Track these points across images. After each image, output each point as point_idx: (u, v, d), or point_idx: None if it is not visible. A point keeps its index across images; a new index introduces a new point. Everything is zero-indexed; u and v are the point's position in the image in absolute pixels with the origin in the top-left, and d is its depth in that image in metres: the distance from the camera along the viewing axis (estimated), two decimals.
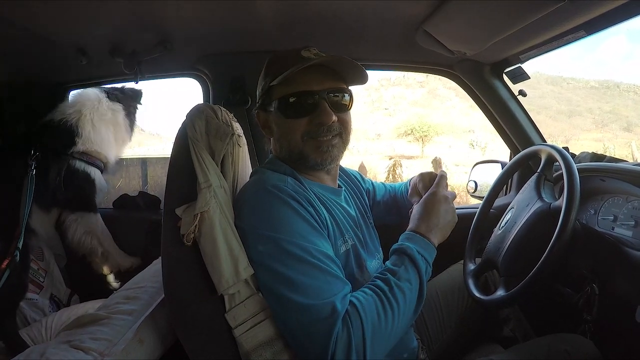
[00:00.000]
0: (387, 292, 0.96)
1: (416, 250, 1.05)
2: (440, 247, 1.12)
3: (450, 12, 1.41)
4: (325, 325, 0.90)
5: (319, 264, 0.96)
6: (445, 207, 1.17)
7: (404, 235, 1.11)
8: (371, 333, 0.91)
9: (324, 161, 1.16)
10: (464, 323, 1.52)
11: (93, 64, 1.87)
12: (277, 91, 1.16)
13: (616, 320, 1.29)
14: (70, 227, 2.04)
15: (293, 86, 1.12)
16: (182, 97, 19.75)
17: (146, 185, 4.37)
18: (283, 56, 1.18)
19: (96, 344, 1.05)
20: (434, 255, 1.10)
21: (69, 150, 1.98)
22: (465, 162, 12.52)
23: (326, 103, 1.13)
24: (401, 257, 1.04)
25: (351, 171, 1.52)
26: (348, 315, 0.91)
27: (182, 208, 1.06)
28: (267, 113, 1.22)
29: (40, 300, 1.98)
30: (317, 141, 1.14)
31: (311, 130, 1.13)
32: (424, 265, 1.05)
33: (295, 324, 0.94)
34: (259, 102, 1.24)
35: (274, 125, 1.21)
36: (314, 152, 1.14)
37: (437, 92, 21.82)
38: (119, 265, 2.15)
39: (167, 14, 1.53)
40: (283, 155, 1.20)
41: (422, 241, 1.08)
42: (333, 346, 0.88)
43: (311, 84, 1.13)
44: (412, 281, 1.01)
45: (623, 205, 1.45)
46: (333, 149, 1.15)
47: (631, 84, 24.20)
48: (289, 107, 1.14)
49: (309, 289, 0.93)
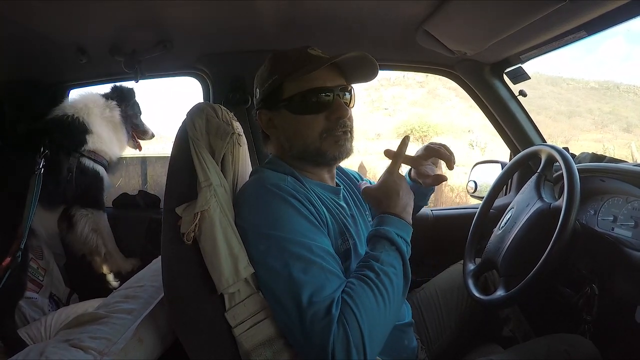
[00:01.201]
0: (374, 280, 0.95)
1: (394, 232, 1.03)
2: (440, 247, 1.12)
3: (451, 11, 1.41)
4: (323, 325, 0.89)
5: (320, 261, 0.96)
6: (405, 185, 1.13)
7: (377, 219, 1.08)
8: (367, 325, 0.89)
9: (340, 155, 1.17)
10: (463, 323, 1.52)
11: (93, 63, 1.87)
12: (288, 89, 1.15)
13: (616, 321, 1.29)
14: (79, 221, 2.05)
15: (308, 83, 1.13)
16: (182, 96, 19.72)
17: (146, 184, 4.37)
18: (290, 55, 1.18)
19: (95, 343, 1.05)
20: (411, 233, 1.08)
21: (80, 148, 1.99)
22: (465, 162, 12.51)
23: (340, 99, 1.14)
24: (380, 241, 1.02)
25: (350, 171, 1.52)
26: (343, 313, 0.90)
27: (182, 207, 1.06)
28: (271, 112, 1.21)
29: (40, 299, 1.98)
30: (335, 136, 1.14)
31: (330, 126, 1.14)
32: (404, 246, 1.03)
33: (293, 324, 0.94)
34: (262, 101, 1.23)
35: (283, 124, 1.19)
36: (331, 147, 1.15)
37: (436, 92, 21.79)
38: (120, 268, 2.15)
39: (167, 13, 1.53)
40: (293, 154, 1.19)
41: (398, 222, 1.06)
42: (332, 346, 0.87)
43: (326, 81, 1.14)
44: (395, 265, 0.99)
45: (623, 205, 1.45)
46: (347, 143, 1.17)
47: (631, 85, 24.16)
48: (305, 104, 1.14)
49: (308, 287, 0.92)
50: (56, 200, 1.96)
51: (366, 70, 1.19)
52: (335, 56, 1.12)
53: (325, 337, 0.88)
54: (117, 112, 2.16)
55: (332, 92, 1.14)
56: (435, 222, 2.13)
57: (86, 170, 2.02)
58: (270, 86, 1.18)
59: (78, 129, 2.00)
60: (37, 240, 1.98)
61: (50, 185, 1.85)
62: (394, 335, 1.00)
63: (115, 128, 2.17)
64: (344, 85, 1.18)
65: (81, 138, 2.01)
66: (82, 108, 2.05)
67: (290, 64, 1.15)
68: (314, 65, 1.10)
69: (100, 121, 2.08)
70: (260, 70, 1.23)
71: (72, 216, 2.05)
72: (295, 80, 1.13)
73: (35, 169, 1.78)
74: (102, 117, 2.10)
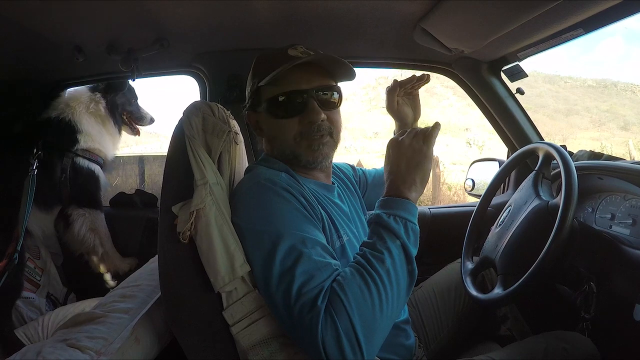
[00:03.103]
0: (365, 266, 0.91)
1: (386, 214, 0.97)
2: (438, 245, 1.10)
3: (448, 9, 1.41)
4: (311, 316, 0.87)
5: (311, 252, 0.94)
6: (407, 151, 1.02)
7: (376, 204, 1.03)
8: (358, 313, 0.86)
9: (315, 159, 1.15)
10: (461, 321, 1.52)
11: (90, 62, 1.86)
12: (266, 92, 1.16)
13: (614, 318, 1.29)
14: (76, 221, 2.05)
15: (282, 86, 1.12)
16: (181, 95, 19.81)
17: (143, 183, 4.36)
18: (270, 56, 1.17)
19: (92, 342, 1.04)
20: (413, 208, 0.99)
21: (73, 148, 1.99)
22: (462, 160, 12.52)
23: (315, 102, 1.12)
24: (375, 227, 0.99)
25: (342, 165, 1.51)
26: (331, 303, 0.87)
27: (179, 205, 1.06)
28: (257, 114, 1.22)
29: (37, 299, 1.98)
30: (309, 140, 1.14)
31: (303, 130, 1.13)
32: (400, 227, 0.95)
33: (286, 317, 0.92)
34: (249, 103, 1.23)
35: (265, 126, 1.21)
36: (306, 152, 1.14)
37: (434, 90, 21.76)
38: (117, 269, 2.15)
39: (163, 12, 1.52)
40: (276, 155, 1.20)
41: (393, 202, 0.99)
42: (321, 336, 0.85)
43: (300, 83, 1.12)
44: (391, 248, 0.93)
45: (620, 203, 1.46)
46: (324, 147, 1.15)
47: (628, 83, 24.19)
48: (278, 108, 1.14)
49: (298, 279, 0.90)
50: (52, 201, 1.96)
51: (344, 68, 1.17)
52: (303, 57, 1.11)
53: (313, 328, 0.86)
54: (102, 105, 2.15)
55: (306, 94, 1.12)
56: (432, 220, 2.13)
57: (81, 169, 2.02)
58: (252, 88, 1.19)
59: (68, 129, 2.00)
60: (33, 241, 1.97)
61: (46, 186, 1.85)
62: (391, 332, 0.97)
63: (103, 121, 2.17)
64: (325, 85, 1.16)
65: (72, 138, 2.01)
66: (68, 107, 2.05)
67: (267, 65, 1.13)
68: (282, 67, 1.08)
69: (87, 118, 2.09)
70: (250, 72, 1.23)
71: (69, 216, 2.05)
72: (271, 83, 1.12)
73: (29, 169, 1.77)
74: (88, 113, 2.10)
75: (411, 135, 1.04)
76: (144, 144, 12.34)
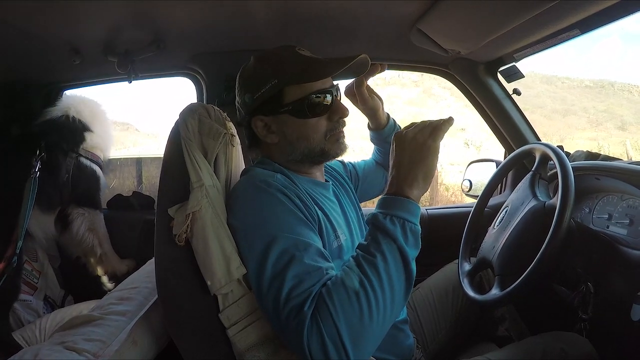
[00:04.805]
0: (356, 270, 0.89)
1: (382, 214, 0.93)
2: (435, 246, 1.10)
3: (444, 10, 1.41)
4: (297, 320, 0.86)
5: (302, 255, 0.92)
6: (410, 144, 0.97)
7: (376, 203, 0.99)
8: (344, 319, 0.84)
9: (341, 152, 1.20)
10: (459, 322, 1.52)
11: (87, 64, 1.85)
12: (289, 94, 1.12)
13: (612, 319, 1.29)
14: (76, 220, 2.03)
15: (309, 87, 1.12)
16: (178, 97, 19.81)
17: (141, 185, 4.34)
18: (283, 57, 1.15)
19: (90, 345, 1.05)
20: (412, 206, 0.93)
21: (78, 148, 1.99)
22: (460, 161, 12.53)
23: (339, 99, 1.18)
24: (370, 228, 0.95)
25: (333, 163, 1.50)
26: (317, 308, 0.86)
27: (175, 208, 1.05)
28: (269, 117, 1.16)
29: (34, 302, 1.97)
30: (336, 135, 1.17)
31: (332, 126, 1.16)
32: (397, 228, 0.91)
33: (274, 320, 0.92)
34: (260, 106, 1.17)
35: (284, 129, 1.16)
36: (334, 146, 1.18)
37: (431, 91, 21.79)
38: (115, 270, 2.14)
39: (160, 13, 1.52)
40: (294, 158, 1.17)
41: (391, 200, 0.94)
42: (306, 342, 0.84)
43: (325, 82, 1.15)
44: (384, 250, 0.89)
45: (618, 203, 1.46)
46: (345, 139, 1.20)
47: (625, 84, 24.22)
48: (309, 108, 1.12)
49: (288, 282, 0.89)
50: (54, 202, 1.95)
51: (360, 70, 1.21)
52: (347, 58, 1.12)
53: (300, 333, 0.85)
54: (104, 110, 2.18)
55: (330, 93, 1.14)
56: (430, 221, 2.13)
57: (84, 169, 2.01)
58: (269, 91, 1.13)
59: (76, 128, 2.00)
60: (32, 243, 1.96)
61: (49, 187, 1.84)
62: (389, 333, 0.96)
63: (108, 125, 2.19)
64: (334, 85, 1.18)
65: (80, 137, 2.01)
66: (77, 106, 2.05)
67: (288, 68, 1.12)
68: (326, 71, 1.12)
69: (93, 119, 2.09)
70: (248, 74, 1.20)
71: (67, 215, 2.03)
72: (296, 84, 1.11)
73: (30, 172, 1.77)
74: (93, 115, 2.10)
75: (417, 128, 0.99)
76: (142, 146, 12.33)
